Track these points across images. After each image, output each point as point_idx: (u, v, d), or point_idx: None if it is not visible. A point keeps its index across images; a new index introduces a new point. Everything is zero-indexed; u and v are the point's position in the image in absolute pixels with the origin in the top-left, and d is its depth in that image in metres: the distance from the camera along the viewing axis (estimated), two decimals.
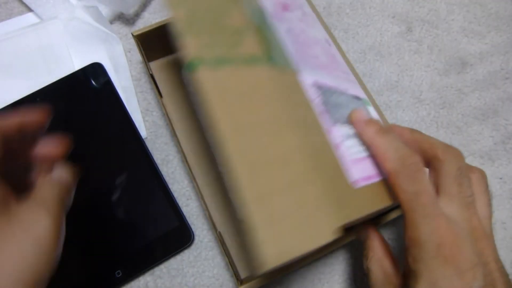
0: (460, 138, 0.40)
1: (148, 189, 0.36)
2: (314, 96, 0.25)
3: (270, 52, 0.24)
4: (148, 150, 0.37)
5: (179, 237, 0.35)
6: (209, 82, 0.22)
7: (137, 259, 0.34)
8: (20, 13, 0.43)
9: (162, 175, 0.36)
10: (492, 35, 0.45)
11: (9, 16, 0.42)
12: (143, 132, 0.38)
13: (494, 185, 0.39)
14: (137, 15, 0.43)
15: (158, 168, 0.37)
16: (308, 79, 0.25)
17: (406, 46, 0.44)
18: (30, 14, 0.42)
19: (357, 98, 0.29)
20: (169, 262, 0.35)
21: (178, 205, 0.36)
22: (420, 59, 0.43)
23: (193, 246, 0.36)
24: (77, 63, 0.40)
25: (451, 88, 0.42)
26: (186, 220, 0.35)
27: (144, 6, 0.44)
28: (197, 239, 0.36)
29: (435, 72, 0.43)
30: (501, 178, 0.39)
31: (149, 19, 0.43)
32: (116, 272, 0.33)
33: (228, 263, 0.31)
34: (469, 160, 0.40)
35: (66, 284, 0.33)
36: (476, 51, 0.44)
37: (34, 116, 0.24)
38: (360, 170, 0.24)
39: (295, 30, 0.27)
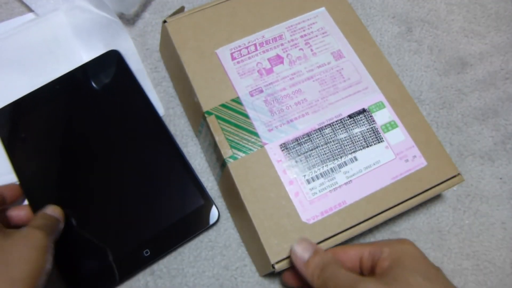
0: (460, 138, 0.40)
1: (172, 169, 0.36)
2: (279, 158, 0.31)
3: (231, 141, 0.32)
4: (168, 129, 0.38)
5: (204, 216, 0.35)
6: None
7: (164, 238, 0.34)
8: (21, 14, 0.43)
9: (184, 155, 0.37)
10: (492, 35, 0.45)
11: (10, 16, 0.42)
12: (160, 110, 0.39)
13: (494, 185, 0.39)
14: (137, 15, 0.43)
15: (179, 147, 0.37)
16: (273, 147, 0.32)
17: (406, 47, 0.44)
18: (30, 14, 0.42)
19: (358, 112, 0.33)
20: (169, 261, 0.35)
21: (202, 183, 0.36)
22: (420, 59, 0.43)
23: (193, 246, 0.36)
24: (84, 51, 0.41)
25: (451, 88, 0.42)
26: (211, 198, 0.36)
27: (144, 6, 0.44)
28: (197, 239, 0.36)
29: (435, 72, 0.43)
30: (501, 178, 0.39)
31: (150, 19, 0.43)
32: (144, 251, 0.34)
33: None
34: (469, 160, 0.40)
35: (95, 263, 0.33)
36: (476, 51, 0.44)
37: (10, 188, 0.34)
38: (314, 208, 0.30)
39: (276, 90, 0.34)
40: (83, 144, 0.37)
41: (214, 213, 0.35)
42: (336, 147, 0.32)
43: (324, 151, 0.32)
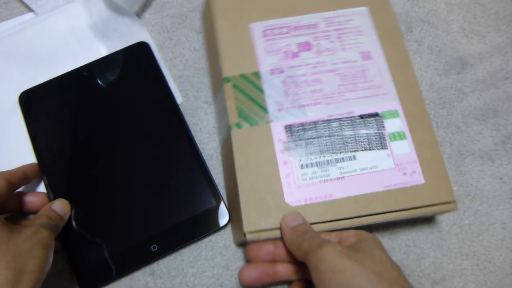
0: (460, 138, 0.40)
1: (189, 166, 0.37)
2: (281, 138, 0.32)
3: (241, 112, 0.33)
4: (188, 126, 0.38)
5: (215, 218, 0.35)
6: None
7: (172, 236, 0.35)
8: (21, 13, 0.43)
9: (201, 153, 0.37)
10: (492, 35, 0.45)
11: (10, 16, 0.42)
12: (178, 98, 0.40)
13: (494, 185, 0.39)
14: (137, 15, 0.43)
15: (197, 145, 0.37)
16: (278, 126, 0.33)
17: (406, 46, 0.44)
18: (30, 14, 0.42)
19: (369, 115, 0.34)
20: (169, 261, 0.35)
21: (215, 183, 0.36)
22: (420, 59, 0.43)
23: (193, 246, 0.36)
24: (100, 42, 0.41)
25: (451, 88, 0.42)
26: (224, 200, 0.36)
27: (144, 6, 0.44)
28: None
29: (435, 72, 0.43)
30: (501, 178, 0.39)
31: (150, 19, 0.43)
32: (151, 246, 0.34)
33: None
34: (469, 160, 0.40)
35: (104, 254, 0.34)
36: (476, 51, 0.44)
37: (31, 167, 0.35)
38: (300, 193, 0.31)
39: (297, 74, 0.34)
40: (104, 133, 0.37)
41: (224, 215, 0.35)
42: (338, 142, 0.32)
43: (326, 142, 0.32)
